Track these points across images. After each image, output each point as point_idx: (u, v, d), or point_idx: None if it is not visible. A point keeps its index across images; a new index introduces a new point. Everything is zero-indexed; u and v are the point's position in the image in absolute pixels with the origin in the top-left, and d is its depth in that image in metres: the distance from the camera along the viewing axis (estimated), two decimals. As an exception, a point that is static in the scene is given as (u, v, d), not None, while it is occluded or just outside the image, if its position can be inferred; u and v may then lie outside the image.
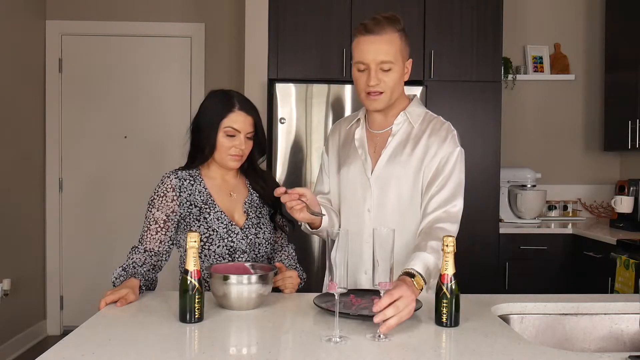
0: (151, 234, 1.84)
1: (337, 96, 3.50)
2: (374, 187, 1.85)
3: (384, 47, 1.75)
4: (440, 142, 1.82)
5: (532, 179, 3.94)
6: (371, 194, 1.85)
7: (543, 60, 4.24)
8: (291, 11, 3.58)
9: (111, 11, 4.38)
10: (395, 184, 1.83)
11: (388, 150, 1.86)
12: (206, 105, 1.92)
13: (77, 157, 4.43)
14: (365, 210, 1.86)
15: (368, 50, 1.77)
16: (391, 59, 1.76)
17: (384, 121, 1.90)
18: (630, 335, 1.68)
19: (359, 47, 1.80)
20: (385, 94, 1.79)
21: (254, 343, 1.38)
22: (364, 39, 1.78)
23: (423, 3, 3.59)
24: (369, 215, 1.85)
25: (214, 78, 4.35)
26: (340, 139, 2.00)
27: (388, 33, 1.76)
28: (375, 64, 1.76)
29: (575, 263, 3.60)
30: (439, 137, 1.84)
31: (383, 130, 1.90)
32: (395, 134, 1.87)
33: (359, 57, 1.79)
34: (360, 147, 1.91)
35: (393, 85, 1.80)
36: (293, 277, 1.85)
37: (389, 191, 1.84)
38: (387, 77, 1.78)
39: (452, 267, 1.46)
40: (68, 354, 1.26)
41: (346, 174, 1.91)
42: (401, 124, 1.88)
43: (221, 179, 1.96)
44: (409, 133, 1.87)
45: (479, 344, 1.35)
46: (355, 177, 1.89)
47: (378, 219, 1.83)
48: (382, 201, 1.84)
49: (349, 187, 1.90)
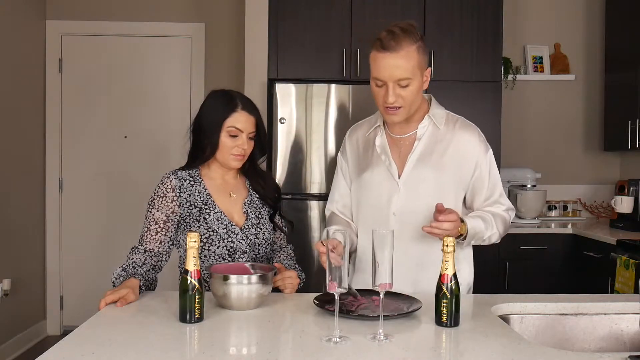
0: (151, 234, 1.84)
1: (337, 96, 3.50)
2: (402, 190, 1.86)
3: (401, 63, 1.73)
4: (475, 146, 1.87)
5: (532, 179, 3.94)
6: (398, 198, 1.86)
7: (543, 60, 4.24)
8: (291, 11, 3.58)
9: (111, 11, 4.38)
10: (424, 186, 1.85)
11: (416, 153, 1.87)
12: (208, 105, 1.92)
13: (77, 157, 4.43)
14: (390, 214, 1.87)
15: (385, 67, 1.74)
16: (409, 75, 1.74)
17: (406, 125, 1.90)
18: (630, 335, 1.68)
19: (375, 63, 1.77)
20: (404, 108, 1.79)
21: (254, 343, 1.38)
22: (380, 56, 1.74)
23: (423, 3, 3.60)
24: (395, 219, 1.86)
25: (214, 78, 4.35)
26: (359, 145, 1.99)
27: (404, 48, 1.72)
28: (392, 82, 1.74)
29: (575, 263, 3.59)
30: (473, 141, 1.88)
31: (406, 134, 1.90)
32: (422, 137, 1.88)
33: (376, 73, 1.77)
34: (382, 153, 1.91)
35: (412, 99, 1.79)
36: (292, 277, 1.85)
37: (417, 194, 1.85)
38: (405, 91, 1.76)
39: (452, 267, 1.46)
40: (68, 354, 1.26)
41: (369, 179, 1.91)
42: (426, 127, 1.89)
43: (221, 179, 1.96)
44: (435, 135, 1.88)
45: (479, 344, 1.35)
46: (381, 181, 1.89)
47: (403, 221, 1.85)
48: (409, 204, 1.85)
49: (372, 192, 1.91)
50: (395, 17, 3.61)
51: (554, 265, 3.62)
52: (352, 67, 3.58)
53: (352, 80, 3.57)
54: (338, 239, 1.47)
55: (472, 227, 1.78)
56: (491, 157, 1.90)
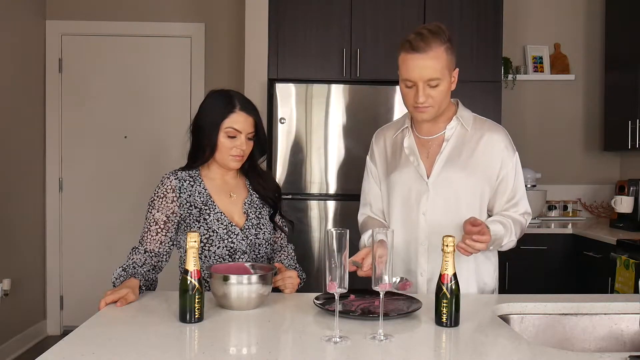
0: (151, 234, 1.84)
1: (337, 96, 3.50)
2: (431, 190, 1.87)
3: (431, 63, 1.75)
4: (503, 149, 1.88)
5: (532, 179, 3.94)
6: (427, 198, 1.87)
7: (543, 60, 4.24)
8: (291, 11, 3.58)
9: (111, 11, 4.38)
10: (454, 186, 1.86)
11: (444, 154, 1.88)
12: (206, 106, 1.92)
13: (77, 157, 4.43)
14: (420, 214, 1.88)
15: (414, 68, 1.76)
16: (438, 76, 1.76)
17: (434, 127, 1.91)
18: (630, 335, 1.68)
19: (405, 64, 1.78)
20: (434, 107, 1.82)
21: (254, 343, 1.39)
22: (410, 57, 1.76)
23: (423, 3, 3.59)
24: (424, 219, 1.87)
25: (214, 78, 4.34)
26: (386, 147, 2.01)
27: (434, 49, 1.75)
28: (422, 82, 1.76)
29: (575, 263, 3.59)
30: (501, 143, 1.89)
31: (434, 135, 1.91)
32: (449, 138, 1.89)
33: (406, 75, 1.79)
34: (411, 154, 1.92)
35: (441, 99, 1.81)
36: (293, 277, 1.85)
37: (446, 194, 1.86)
38: (434, 92, 1.79)
39: (452, 267, 1.46)
40: (68, 354, 1.26)
41: (397, 180, 1.92)
42: (454, 128, 1.90)
43: (221, 179, 1.95)
44: (463, 136, 1.90)
45: (479, 344, 1.35)
46: (409, 182, 1.90)
47: (434, 222, 1.86)
48: (439, 204, 1.86)
49: (400, 193, 1.92)
50: (395, 18, 3.66)
51: (554, 265, 3.62)
52: (352, 67, 3.58)
53: (352, 80, 3.57)
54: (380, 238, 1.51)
55: (494, 233, 1.77)
56: (517, 160, 1.92)
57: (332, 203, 3.49)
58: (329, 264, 1.38)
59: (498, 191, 1.90)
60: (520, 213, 1.91)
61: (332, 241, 1.36)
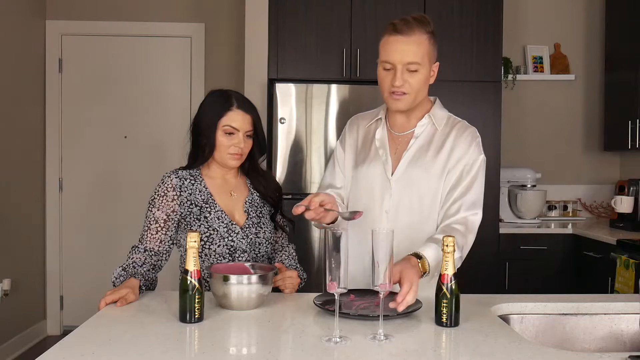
0: (151, 233, 1.84)
1: (337, 96, 3.50)
2: (394, 188, 1.84)
3: (412, 48, 1.74)
4: (465, 147, 1.83)
5: (532, 179, 3.94)
6: (390, 195, 1.84)
7: (543, 60, 4.24)
8: (291, 11, 3.58)
9: (111, 11, 4.38)
10: (417, 186, 1.83)
11: (410, 152, 1.85)
12: (205, 105, 1.93)
13: (77, 157, 4.43)
14: (383, 212, 1.85)
15: (395, 50, 1.75)
16: (418, 60, 1.75)
17: (406, 123, 1.89)
18: (630, 335, 1.68)
19: (386, 46, 1.77)
20: (410, 95, 1.78)
21: (253, 343, 1.39)
22: (392, 39, 1.76)
23: (423, 3, 3.59)
24: (387, 216, 1.85)
25: (214, 78, 4.34)
26: (358, 136, 1.98)
27: (417, 34, 1.75)
28: (401, 65, 1.75)
29: (575, 263, 3.60)
30: (465, 141, 1.84)
31: (405, 132, 1.89)
32: (419, 136, 1.87)
33: (386, 56, 1.77)
34: (381, 147, 1.89)
35: (418, 88, 1.79)
36: (293, 277, 1.85)
37: (409, 193, 1.83)
38: (412, 78, 1.76)
39: (452, 267, 1.46)
40: (68, 354, 1.26)
41: (364, 173, 1.90)
42: (425, 126, 1.87)
43: (222, 178, 1.96)
44: (432, 135, 1.87)
45: (479, 344, 1.35)
46: (375, 177, 1.87)
47: (396, 220, 1.83)
48: (401, 203, 1.84)
49: (365, 187, 1.89)
50: (395, 17, 3.64)
51: (554, 265, 3.62)
52: (352, 67, 3.58)
53: (352, 80, 3.57)
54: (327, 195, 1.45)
55: (434, 259, 1.65)
56: (482, 163, 1.84)
57: (332, 203, 3.48)
58: (329, 264, 1.38)
59: (448, 184, 1.81)
60: (459, 225, 1.76)
61: (332, 241, 1.36)
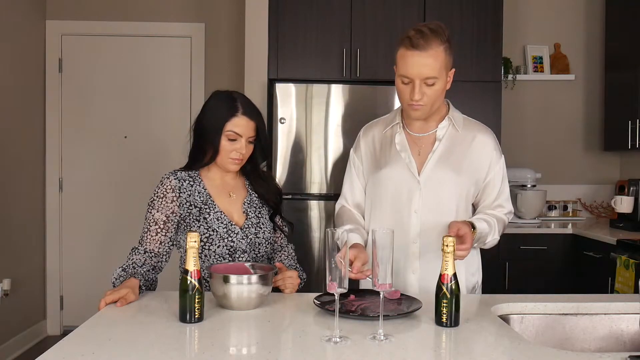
0: (151, 235, 1.84)
1: (337, 96, 3.50)
2: (423, 188, 1.88)
3: (429, 62, 1.76)
4: (490, 149, 1.93)
5: (532, 179, 3.94)
6: (420, 196, 1.88)
7: (543, 60, 4.24)
8: (291, 11, 3.58)
9: (111, 11, 4.38)
10: (446, 186, 1.88)
11: (437, 153, 1.90)
12: (210, 107, 1.91)
13: (77, 157, 4.43)
14: (412, 212, 1.88)
15: (413, 65, 1.77)
16: (435, 75, 1.78)
17: (425, 125, 1.93)
18: (630, 335, 1.68)
19: (403, 60, 1.79)
20: (427, 105, 1.83)
21: (254, 343, 1.38)
22: (409, 54, 1.77)
23: (423, 3, 3.60)
24: (417, 216, 1.88)
25: (214, 78, 4.34)
26: (375, 142, 2.00)
27: (433, 48, 1.76)
28: (419, 80, 1.78)
29: (575, 263, 3.59)
30: (489, 145, 1.93)
31: (426, 133, 1.93)
32: (442, 137, 1.91)
33: (404, 71, 1.79)
34: (402, 150, 1.92)
35: (435, 98, 1.83)
36: (293, 277, 1.85)
37: (438, 193, 1.88)
38: (430, 90, 1.80)
39: (452, 267, 1.46)
40: (68, 354, 1.26)
41: (387, 175, 1.92)
42: (445, 128, 1.92)
43: (220, 179, 1.96)
44: (454, 137, 1.92)
45: (479, 344, 1.35)
46: (400, 179, 1.90)
47: (425, 219, 1.87)
48: (430, 202, 1.88)
49: (390, 189, 1.92)
50: (395, 17, 3.66)
51: (554, 265, 3.62)
52: (352, 67, 3.58)
53: (352, 80, 3.57)
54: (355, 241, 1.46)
55: (480, 230, 1.80)
56: (503, 163, 1.97)
57: (332, 203, 3.47)
58: (329, 264, 1.38)
59: (485, 192, 1.94)
60: (504, 213, 1.95)
61: (332, 241, 1.36)
